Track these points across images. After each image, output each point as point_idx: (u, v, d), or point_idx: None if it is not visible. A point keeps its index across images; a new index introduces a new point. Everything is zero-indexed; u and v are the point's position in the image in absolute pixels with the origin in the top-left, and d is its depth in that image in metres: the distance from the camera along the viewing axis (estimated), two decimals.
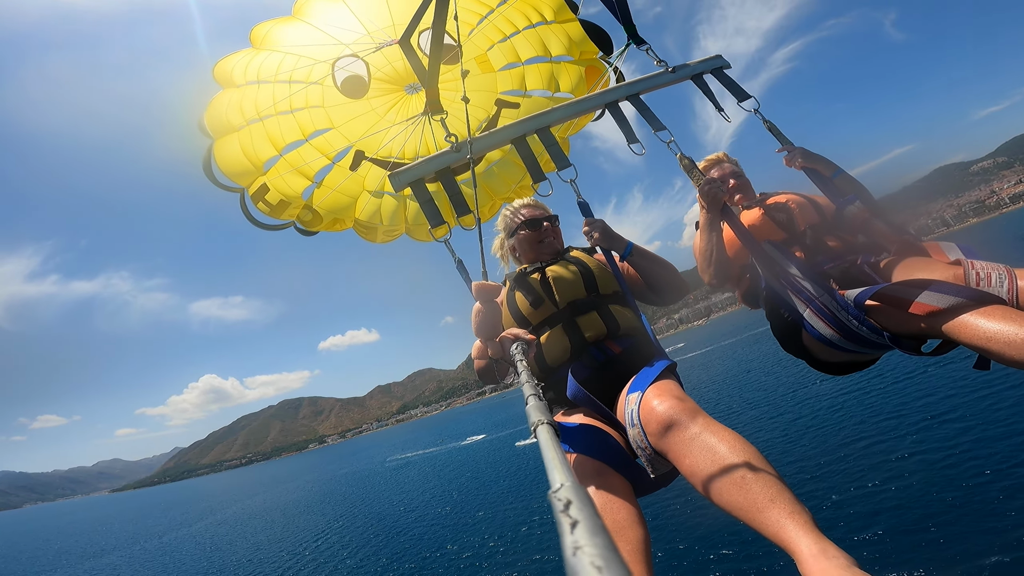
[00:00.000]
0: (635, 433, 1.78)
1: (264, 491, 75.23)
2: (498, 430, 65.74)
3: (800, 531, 1.30)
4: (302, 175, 4.10)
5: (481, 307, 2.11)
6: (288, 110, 4.00)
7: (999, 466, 11.17)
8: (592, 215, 2.79)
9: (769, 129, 3.06)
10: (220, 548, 33.89)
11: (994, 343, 1.71)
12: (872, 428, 16.36)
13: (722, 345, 73.96)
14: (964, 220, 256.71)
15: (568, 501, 0.57)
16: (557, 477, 0.68)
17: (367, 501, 37.86)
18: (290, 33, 3.98)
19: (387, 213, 4.43)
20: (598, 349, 2.37)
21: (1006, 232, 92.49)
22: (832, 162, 2.89)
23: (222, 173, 3.86)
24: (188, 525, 52.66)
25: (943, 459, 12.59)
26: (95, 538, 62.58)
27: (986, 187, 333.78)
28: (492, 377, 2.27)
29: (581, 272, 2.60)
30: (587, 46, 4.18)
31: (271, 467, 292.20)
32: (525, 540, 17.77)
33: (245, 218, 4.02)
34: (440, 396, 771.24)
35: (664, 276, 2.68)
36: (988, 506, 10.05)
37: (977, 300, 1.84)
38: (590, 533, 0.51)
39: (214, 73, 3.80)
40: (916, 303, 1.95)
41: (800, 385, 25.86)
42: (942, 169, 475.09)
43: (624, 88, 3.02)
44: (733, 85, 3.10)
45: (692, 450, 1.59)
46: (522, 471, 30.93)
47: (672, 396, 1.76)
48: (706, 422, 1.65)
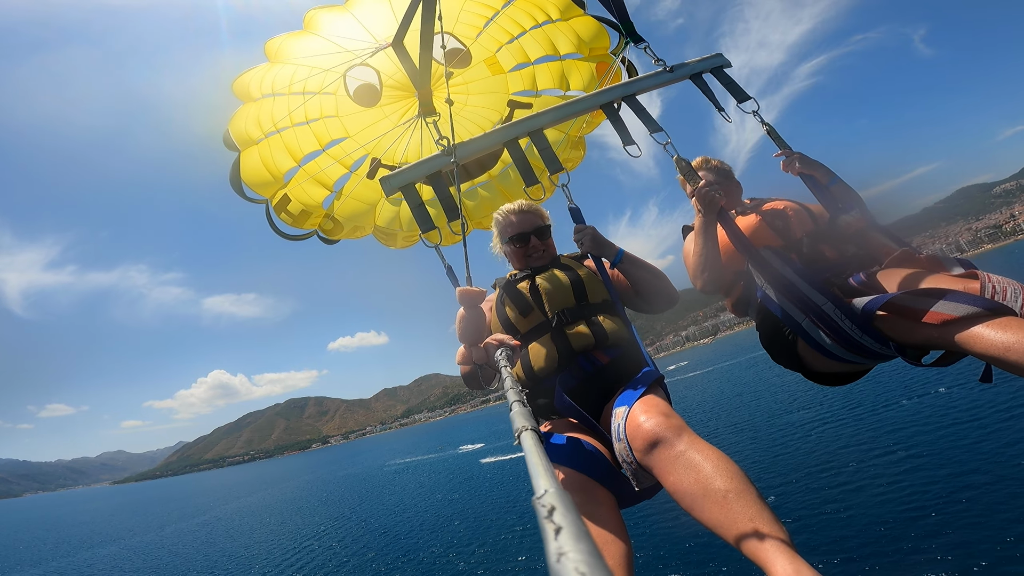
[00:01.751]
0: (621, 447, 1.81)
1: (264, 489, 75.49)
2: (496, 439, 66.11)
3: (777, 552, 1.34)
4: (321, 185, 4.16)
5: (464, 312, 2.12)
6: (304, 121, 4.05)
7: (985, 487, 11.58)
8: (583, 221, 2.74)
9: (768, 133, 3.00)
10: (215, 544, 34.16)
11: (1011, 354, 1.69)
12: (853, 453, 16.86)
13: (722, 366, 74.62)
14: (979, 246, 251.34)
15: (552, 507, 0.58)
16: (541, 483, 0.68)
17: (363, 504, 38.19)
18: (301, 45, 4.04)
19: (406, 219, 4.47)
20: (586, 359, 2.37)
21: (1021, 260, 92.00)
22: (829, 169, 2.83)
23: (246, 185, 3.93)
24: (186, 519, 52.83)
25: (918, 481, 13.08)
26: (93, 529, 62.59)
27: (1007, 210, 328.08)
28: (477, 383, 2.24)
29: (571, 280, 2.58)
30: (597, 43, 4.18)
31: (273, 465, 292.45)
32: (508, 548, 18.08)
33: (271, 229, 4.10)
34: (445, 402, 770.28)
35: (654, 284, 2.65)
36: (967, 526, 10.41)
37: (993, 311, 1.82)
38: (574, 539, 0.51)
39: (233, 88, 3.86)
40: (931, 312, 1.93)
41: (786, 410, 26.81)
42: (964, 190, 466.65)
43: (620, 88, 2.93)
44: (733, 85, 3.02)
45: (677, 467, 1.62)
46: (512, 482, 31.30)
47: (659, 413, 1.78)
48: (691, 440, 1.67)
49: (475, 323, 2.12)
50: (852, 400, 22.68)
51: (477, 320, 2.13)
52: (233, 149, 3.88)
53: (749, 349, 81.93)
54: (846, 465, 15.79)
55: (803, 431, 21.66)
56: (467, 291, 2.13)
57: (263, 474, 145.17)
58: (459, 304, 2.15)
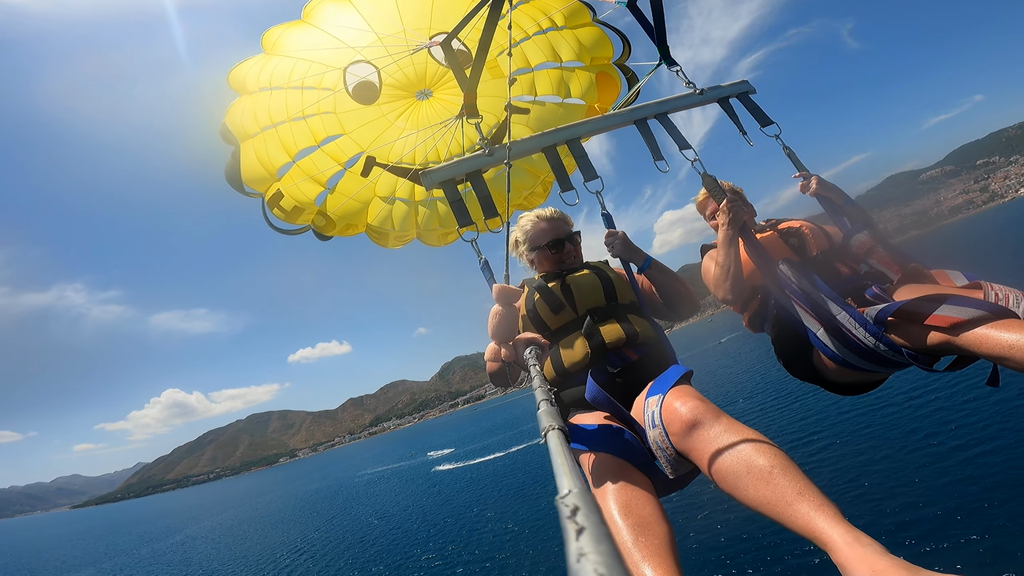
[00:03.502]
0: (656, 434, 1.79)
1: (235, 506, 73.82)
2: (465, 443, 66.63)
3: (831, 522, 1.32)
4: (315, 181, 4.11)
5: (500, 309, 2.12)
6: (300, 116, 4.00)
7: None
8: (614, 227, 2.83)
9: (788, 155, 3.11)
10: (193, 563, 33.69)
11: (1016, 351, 1.75)
12: (882, 426, 16.77)
13: (688, 355, 75.75)
14: (906, 232, 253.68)
15: (575, 507, 0.57)
16: (565, 483, 0.68)
17: (336, 517, 37.89)
18: (301, 38, 3.98)
19: (398, 218, 4.46)
20: (616, 355, 2.39)
21: (947, 245, 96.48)
22: (844, 191, 2.96)
23: (240, 180, 3.88)
24: (159, 540, 51.60)
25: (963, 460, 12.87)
26: (63, 553, 60.96)
27: (934, 196, 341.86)
28: (504, 380, 2.25)
29: (601, 281, 2.64)
30: (599, 52, 4.21)
31: (240, 482, 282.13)
32: (494, 552, 18.24)
33: (266, 223, 4.06)
34: (413, 408, 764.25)
35: (679, 291, 2.72)
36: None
37: (997, 313, 1.89)
38: (595, 540, 0.51)
39: (229, 80, 3.81)
40: (936, 315, 1.99)
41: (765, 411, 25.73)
42: (894, 178, 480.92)
43: (654, 107, 3.07)
44: (757, 110, 3.15)
45: (717, 448, 1.61)
46: (492, 488, 31.12)
47: (694, 398, 1.78)
48: (729, 422, 1.67)
49: (509, 321, 2.13)
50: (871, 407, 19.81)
51: (511, 318, 2.14)
52: (232, 143, 3.79)
53: (707, 339, 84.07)
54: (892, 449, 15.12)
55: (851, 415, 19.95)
56: (505, 288, 2.15)
57: (231, 492, 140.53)
58: (495, 301, 2.16)
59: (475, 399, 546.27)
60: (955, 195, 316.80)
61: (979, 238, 77.13)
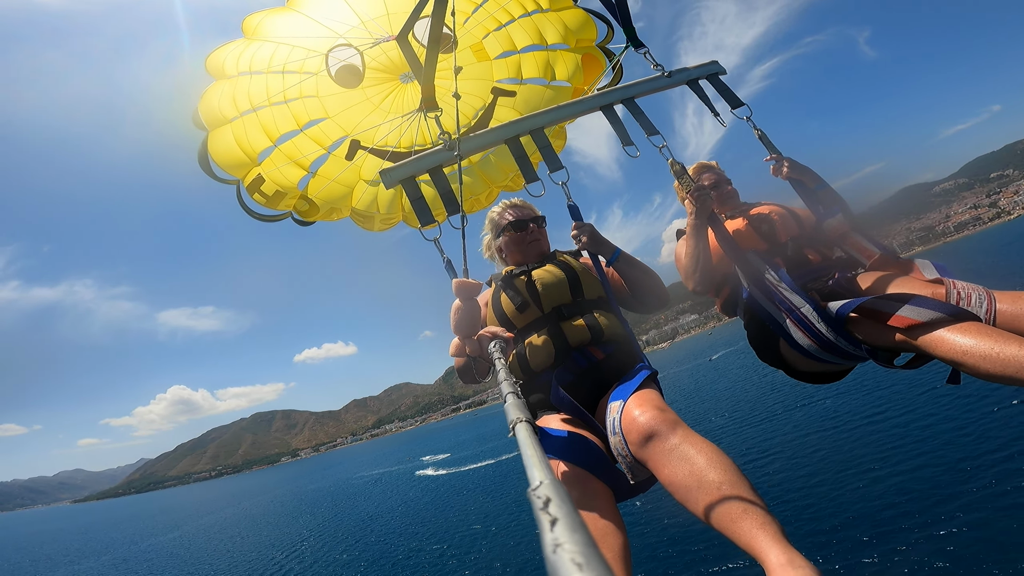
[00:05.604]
0: (616, 441, 1.83)
1: (236, 504, 74.64)
2: (461, 449, 67.22)
3: (770, 541, 1.35)
4: (297, 165, 4.06)
5: (460, 304, 2.10)
6: (282, 100, 3.95)
7: (965, 477, 12.24)
8: (582, 218, 2.77)
9: (759, 137, 3.06)
10: (192, 557, 34.12)
11: (969, 357, 1.77)
12: (838, 446, 17.47)
13: (680, 369, 76.75)
14: (911, 248, 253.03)
15: (547, 499, 0.57)
16: (536, 475, 0.68)
17: (334, 517, 38.10)
18: (283, 23, 3.96)
19: (384, 202, 4.41)
20: (581, 355, 2.38)
21: (947, 260, 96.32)
22: (817, 175, 2.93)
23: (217, 165, 3.80)
24: (159, 535, 52.15)
25: (907, 469, 13.65)
26: (64, 547, 61.45)
27: (945, 209, 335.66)
28: (471, 376, 2.24)
29: (567, 276, 2.61)
30: (583, 34, 4.17)
31: (242, 480, 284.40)
32: (482, 554, 18.69)
33: (242, 210, 3.98)
34: (416, 411, 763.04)
35: (648, 284, 2.71)
36: (951, 514, 10.94)
37: (954, 316, 1.90)
38: (570, 530, 0.51)
39: (206, 64, 3.76)
40: (896, 316, 2.01)
41: (740, 412, 28.16)
42: (907, 189, 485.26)
43: (620, 91, 3.00)
44: (727, 91, 3.10)
45: (671, 460, 1.63)
46: (483, 492, 31.72)
47: (653, 407, 1.80)
48: (685, 434, 1.69)
49: (470, 315, 2.10)
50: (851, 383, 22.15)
51: (472, 312, 2.10)
52: (201, 128, 3.74)
53: (704, 353, 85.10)
54: (830, 465, 16.00)
55: (772, 433, 22.05)
56: (464, 282, 2.13)
57: (232, 489, 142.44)
58: (455, 296, 2.12)
59: (476, 404, 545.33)
60: (964, 210, 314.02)
61: (980, 254, 77.76)
